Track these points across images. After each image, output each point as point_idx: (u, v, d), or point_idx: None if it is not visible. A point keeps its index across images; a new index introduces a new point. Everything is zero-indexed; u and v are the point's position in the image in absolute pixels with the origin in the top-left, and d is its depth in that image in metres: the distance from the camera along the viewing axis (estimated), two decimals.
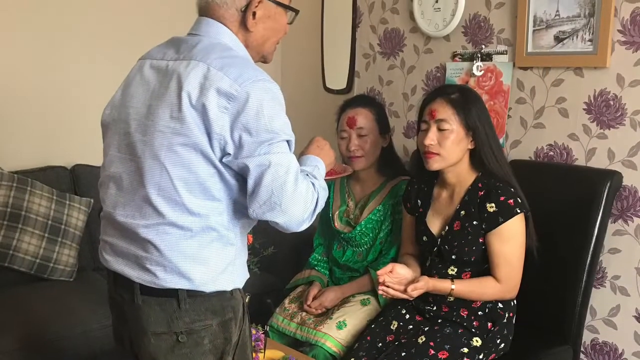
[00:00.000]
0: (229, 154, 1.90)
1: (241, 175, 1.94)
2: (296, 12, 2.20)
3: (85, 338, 3.30)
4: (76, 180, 4.08)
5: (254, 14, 2.05)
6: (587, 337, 3.13)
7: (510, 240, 2.65)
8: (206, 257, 1.97)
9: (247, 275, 2.14)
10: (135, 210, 1.96)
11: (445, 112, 2.68)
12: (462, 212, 2.72)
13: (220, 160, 1.91)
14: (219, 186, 1.95)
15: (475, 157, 2.73)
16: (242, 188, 1.96)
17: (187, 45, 2.02)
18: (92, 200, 3.93)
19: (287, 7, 2.16)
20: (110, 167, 2.06)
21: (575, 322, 2.93)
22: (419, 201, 2.93)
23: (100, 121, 2.16)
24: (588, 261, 2.90)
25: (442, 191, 2.86)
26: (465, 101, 2.69)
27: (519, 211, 2.63)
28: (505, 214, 2.62)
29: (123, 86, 2.13)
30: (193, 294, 1.96)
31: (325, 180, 2.15)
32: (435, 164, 2.71)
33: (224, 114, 1.86)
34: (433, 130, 2.68)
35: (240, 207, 2.01)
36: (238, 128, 1.87)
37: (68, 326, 3.30)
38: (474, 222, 2.68)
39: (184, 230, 1.93)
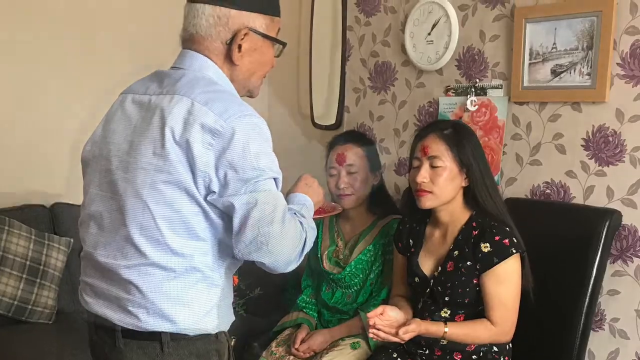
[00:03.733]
0: (214, 191, 1.90)
1: (226, 214, 1.93)
2: (283, 44, 2.21)
3: None
4: (55, 220, 4.06)
5: (240, 46, 2.06)
6: None
7: (505, 282, 2.64)
8: (190, 299, 1.96)
9: (233, 318, 2.14)
10: (116, 250, 1.96)
11: (438, 148, 2.69)
12: (456, 252, 2.72)
13: (205, 199, 1.91)
14: (204, 225, 1.95)
15: (469, 195, 2.74)
16: (227, 227, 1.96)
17: (170, 79, 2.02)
18: (71, 240, 3.92)
19: (274, 40, 2.16)
20: (90, 205, 2.06)
21: None
22: (410, 240, 2.94)
23: (81, 158, 2.17)
24: (586, 303, 2.88)
25: (434, 230, 2.86)
26: (458, 137, 2.71)
27: (514, 251, 2.63)
28: (501, 254, 2.62)
29: (104, 121, 2.14)
30: (177, 337, 1.96)
31: (314, 219, 2.16)
32: (427, 202, 2.72)
33: (209, 150, 1.87)
34: (425, 167, 2.70)
35: (225, 247, 2.00)
36: (223, 165, 1.87)
37: None
38: (468, 263, 2.68)
39: (167, 271, 1.93)
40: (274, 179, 1.98)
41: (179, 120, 1.89)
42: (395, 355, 2.88)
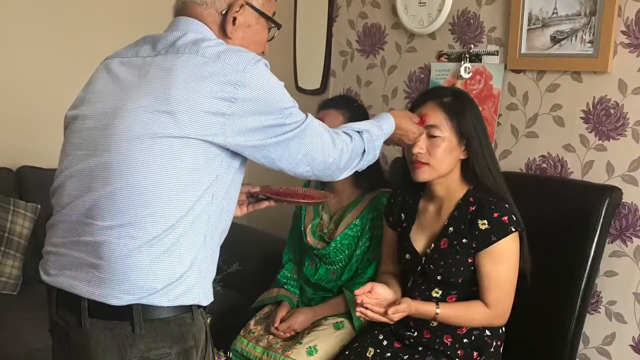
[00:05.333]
0: (234, 143, 1.93)
1: (220, 180, 1.95)
2: (278, 26, 2.26)
3: (28, 359, 3.24)
4: (21, 184, 4.02)
5: (234, 19, 2.08)
6: None
7: (502, 262, 2.59)
8: (168, 265, 1.89)
9: (212, 298, 2.06)
10: (96, 209, 1.89)
11: (437, 117, 2.63)
12: (451, 229, 2.66)
13: (210, 157, 1.91)
14: (193, 188, 1.90)
15: (467, 169, 2.67)
16: (218, 193, 1.95)
17: (165, 41, 2.01)
18: (38, 206, 3.88)
19: (269, 19, 2.20)
20: (69, 167, 1.99)
21: (568, 350, 2.86)
22: (402, 215, 2.88)
23: (64, 123, 2.12)
24: (582, 285, 2.84)
25: (428, 205, 2.80)
26: (459, 106, 2.65)
27: (513, 230, 2.57)
28: (499, 232, 2.56)
29: (86, 86, 2.11)
30: (149, 318, 1.88)
31: (303, 205, 2.17)
32: (423, 175, 2.65)
33: (232, 103, 1.89)
34: (422, 138, 2.63)
35: (213, 216, 1.97)
36: (247, 114, 1.91)
37: (9, 346, 3.24)
38: (464, 240, 2.62)
39: (149, 233, 1.86)
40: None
41: (189, 76, 1.88)
42: (381, 337, 2.83)
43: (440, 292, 2.69)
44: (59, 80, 4.00)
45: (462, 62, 3.45)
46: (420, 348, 2.71)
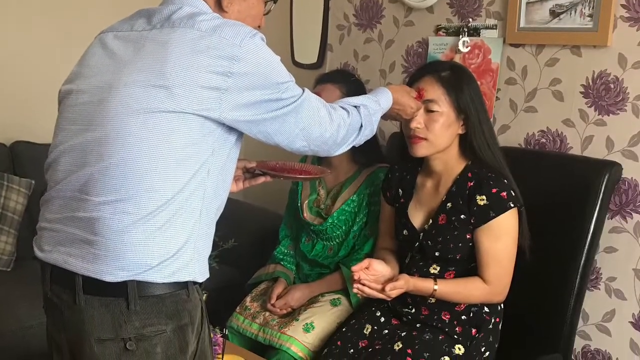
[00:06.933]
0: (230, 118, 1.92)
1: (216, 156, 1.95)
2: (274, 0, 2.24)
3: (21, 336, 3.25)
4: (15, 159, 4.00)
5: None
6: (577, 344, 3.08)
7: (501, 238, 2.59)
8: (163, 241, 1.89)
9: (207, 274, 2.06)
10: (91, 185, 1.88)
11: (434, 91, 2.62)
12: (449, 205, 2.66)
13: (206, 132, 1.90)
14: (189, 163, 1.90)
15: (466, 144, 2.67)
16: (214, 169, 1.95)
17: (161, 15, 2.00)
18: (33, 182, 3.86)
19: None
20: (65, 141, 1.98)
21: (567, 327, 2.86)
22: (400, 190, 2.87)
23: (58, 98, 2.10)
24: (582, 261, 2.84)
25: (426, 180, 2.79)
26: (457, 80, 2.64)
27: (512, 205, 2.57)
28: (497, 208, 2.56)
29: (80, 61, 2.09)
30: (144, 295, 1.87)
31: (299, 180, 2.17)
32: (421, 150, 2.65)
33: (228, 77, 1.88)
34: (420, 112, 2.62)
35: (209, 192, 1.96)
36: (243, 89, 1.90)
37: (3, 322, 3.24)
38: (462, 216, 2.62)
39: (144, 209, 1.85)
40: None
41: (185, 50, 1.87)
42: (378, 314, 2.84)
43: (438, 268, 2.69)
44: (53, 54, 3.99)
45: (461, 36, 3.43)
46: (418, 325, 2.71)
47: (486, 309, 2.68)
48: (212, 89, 1.86)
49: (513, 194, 2.58)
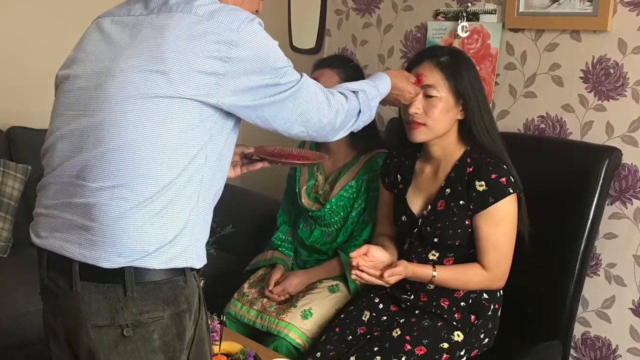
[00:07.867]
0: (227, 103, 1.91)
1: (213, 141, 1.93)
2: None
3: (18, 323, 3.24)
4: (12, 145, 3.98)
5: None
6: (577, 330, 3.09)
7: (500, 224, 2.59)
8: (161, 227, 1.88)
9: (205, 261, 2.05)
10: (87, 171, 1.87)
11: (433, 77, 2.61)
12: (448, 190, 2.66)
13: (204, 118, 1.90)
14: (187, 149, 1.89)
15: (465, 129, 2.66)
16: (211, 154, 1.94)
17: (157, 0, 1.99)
18: (29, 168, 3.84)
19: None
20: (62, 127, 1.97)
21: (566, 314, 2.88)
22: (398, 176, 2.87)
23: (55, 83, 2.09)
24: (582, 247, 2.85)
25: (425, 166, 2.79)
26: (456, 65, 2.63)
27: (511, 191, 2.56)
28: (497, 193, 2.55)
29: (77, 46, 2.08)
30: (141, 281, 1.87)
31: (297, 166, 2.16)
32: (420, 135, 2.64)
33: (226, 62, 1.87)
34: (419, 97, 2.61)
35: (206, 177, 1.96)
36: (241, 74, 1.89)
37: None
38: (461, 202, 2.61)
39: (141, 195, 1.85)
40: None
41: (182, 35, 1.87)
42: (377, 301, 2.84)
43: (437, 254, 2.69)
44: (50, 39, 3.96)
45: (460, 21, 3.41)
46: (416, 311, 2.71)
47: (485, 296, 2.69)
48: (210, 74, 1.85)
49: (512, 179, 2.57)
